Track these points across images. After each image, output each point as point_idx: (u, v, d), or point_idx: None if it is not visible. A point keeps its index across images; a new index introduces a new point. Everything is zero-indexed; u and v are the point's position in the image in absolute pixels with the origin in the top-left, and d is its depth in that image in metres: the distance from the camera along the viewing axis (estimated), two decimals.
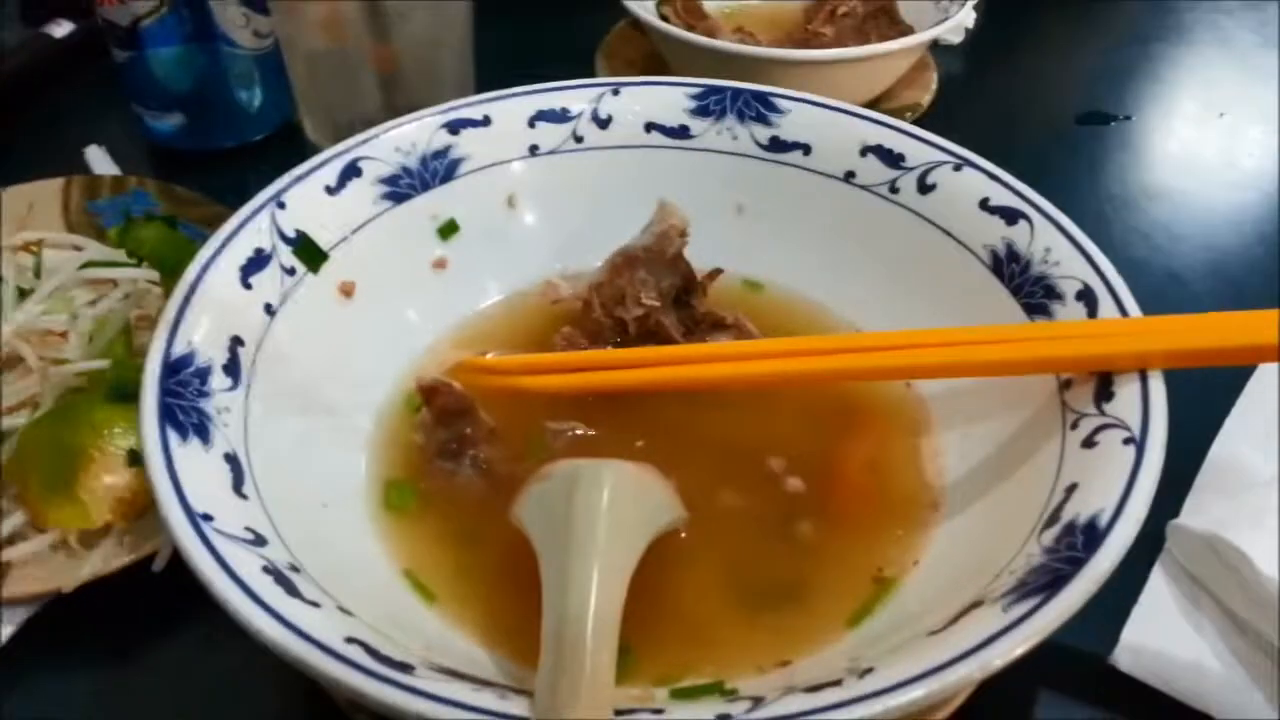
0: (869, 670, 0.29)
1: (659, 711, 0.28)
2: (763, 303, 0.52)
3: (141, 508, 0.44)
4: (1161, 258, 0.64)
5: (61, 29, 0.80)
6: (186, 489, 0.33)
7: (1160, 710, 0.40)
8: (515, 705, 0.28)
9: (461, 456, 0.44)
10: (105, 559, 0.43)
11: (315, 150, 0.49)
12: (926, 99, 0.75)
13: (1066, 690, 0.41)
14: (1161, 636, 0.41)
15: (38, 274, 0.55)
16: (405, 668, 0.29)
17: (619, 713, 0.28)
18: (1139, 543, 0.32)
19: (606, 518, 0.33)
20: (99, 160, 0.69)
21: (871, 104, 0.72)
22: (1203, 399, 0.47)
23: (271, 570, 0.32)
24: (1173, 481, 0.45)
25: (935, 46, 0.81)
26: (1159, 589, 0.43)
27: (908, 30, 0.73)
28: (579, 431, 0.45)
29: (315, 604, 0.31)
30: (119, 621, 0.43)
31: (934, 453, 0.45)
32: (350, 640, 0.30)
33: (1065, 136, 0.76)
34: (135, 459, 0.43)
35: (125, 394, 0.45)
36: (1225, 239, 0.66)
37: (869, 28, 0.74)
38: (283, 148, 0.71)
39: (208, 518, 0.32)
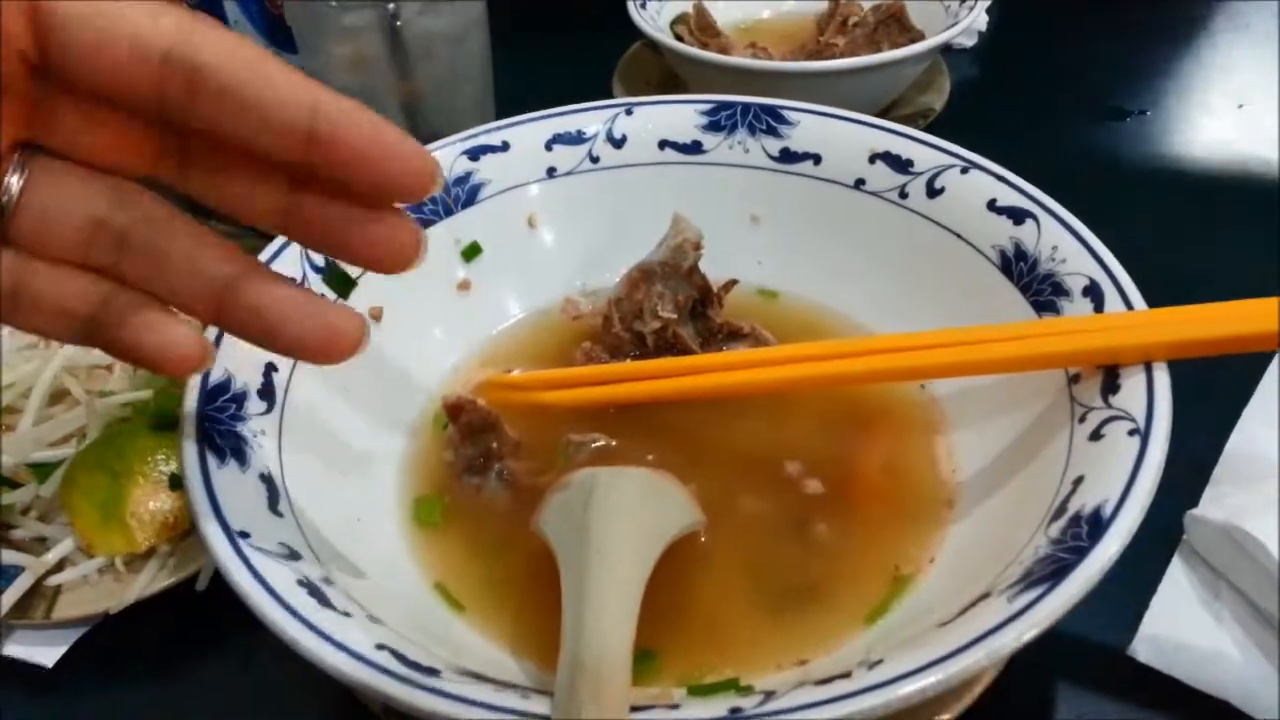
0: (879, 662, 0.30)
1: (674, 707, 0.29)
2: (778, 311, 0.53)
3: (184, 530, 0.46)
4: (1177, 253, 0.63)
5: None
6: (224, 508, 0.35)
7: (1180, 700, 0.40)
8: (537, 705, 0.29)
9: (488, 471, 0.46)
10: (150, 581, 0.45)
11: None
12: (940, 103, 0.76)
13: (1086, 682, 0.41)
14: (1181, 627, 0.41)
15: None
16: (431, 671, 0.30)
17: (635, 709, 0.29)
18: (1157, 535, 0.33)
19: (622, 521, 0.34)
20: None
21: (885, 110, 0.73)
22: (1220, 392, 0.48)
23: (305, 583, 0.33)
24: (1191, 474, 0.46)
25: (949, 51, 0.82)
26: (1178, 580, 0.43)
27: (918, 36, 0.74)
28: (601, 443, 0.46)
29: (346, 614, 0.33)
30: (164, 640, 0.45)
31: (948, 451, 0.45)
32: (380, 647, 0.31)
33: (1081, 134, 0.77)
34: (177, 483, 0.45)
35: (167, 422, 0.47)
36: (1248, 231, 0.65)
37: (880, 36, 0.75)
38: None
39: (245, 535, 0.34)
